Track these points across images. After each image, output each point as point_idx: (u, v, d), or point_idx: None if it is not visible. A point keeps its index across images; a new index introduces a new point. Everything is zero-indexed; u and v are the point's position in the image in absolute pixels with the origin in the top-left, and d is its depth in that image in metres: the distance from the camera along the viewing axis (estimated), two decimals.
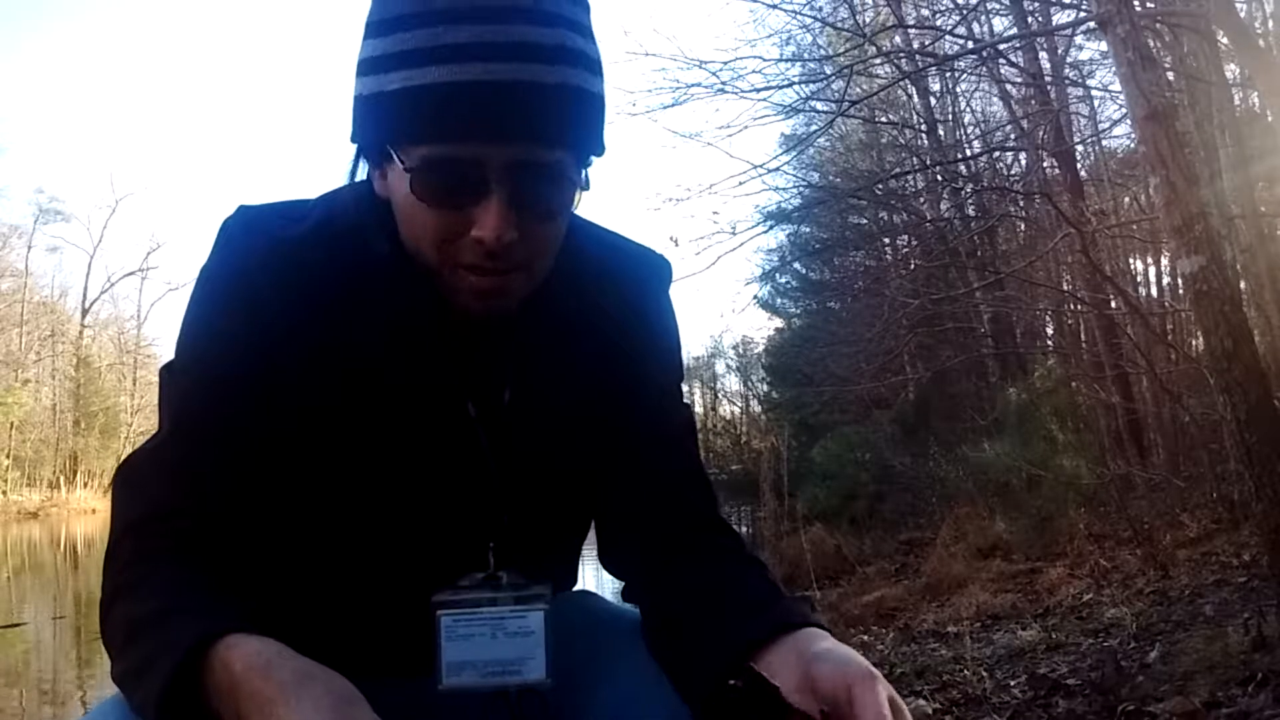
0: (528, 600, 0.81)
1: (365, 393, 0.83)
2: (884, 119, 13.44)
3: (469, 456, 0.86)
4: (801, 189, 13.19)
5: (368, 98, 0.75)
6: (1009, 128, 11.29)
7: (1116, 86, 7.37)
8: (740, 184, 8.52)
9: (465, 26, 0.70)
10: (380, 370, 0.83)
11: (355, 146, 0.82)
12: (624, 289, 0.92)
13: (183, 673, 0.65)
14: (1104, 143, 10.41)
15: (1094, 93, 10.40)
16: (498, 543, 0.87)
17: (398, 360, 0.83)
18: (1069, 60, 10.26)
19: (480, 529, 0.87)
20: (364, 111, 0.76)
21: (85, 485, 33.88)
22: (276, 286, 0.80)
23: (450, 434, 0.85)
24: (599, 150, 0.79)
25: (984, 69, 10.35)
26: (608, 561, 0.97)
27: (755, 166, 8.69)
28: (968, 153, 12.29)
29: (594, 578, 2.07)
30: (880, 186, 13.05)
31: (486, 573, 0.85)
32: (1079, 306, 10.42)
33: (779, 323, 22.47)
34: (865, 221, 16.10)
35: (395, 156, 0.75)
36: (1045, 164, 10.31)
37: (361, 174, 0.85)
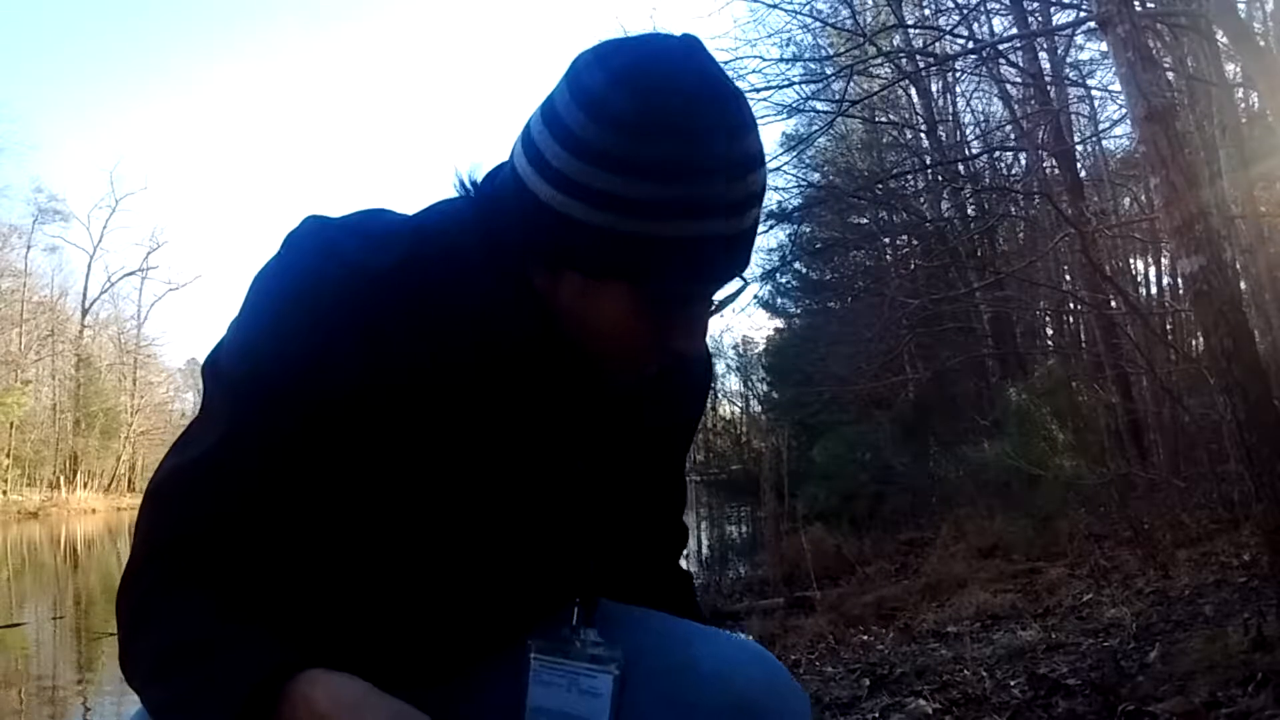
0: (602, 661, 0.83)
1: (468, 440, 0.79)
2: (884, 119, 13.46)
3: (570, 509, 0.86)
4: (802, 189, 13.21)
5: (620, 236, 0.70)
6: (1009, 128, 11.30)
7: (1116, 86, 7.38)
8: None
9: (719, 180, 0.70)
10: (490, 423, 0.79)
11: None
12: None
13: (253, 704, 0.63)
14: (1104, 143, 10.43)
15: (1094, 93, 10.43)
16: (583, 595, 0.88)
17: (513, 418, 0.80)
18: (1069, 60, 10.27)
19: (566, 580, 0.88)
20: (595, 242, 0.71)
21: (85, 485, 33.90)
22: (348, 316, 0.73)
23: (557, 488, 0.84)
24: None
25: (984, 69, 10.36)
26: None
27: None
28: (968, 153, 12.30)
29: None
30: (880, 186, 13.07)
31: (571, 626, 0.87)
32: (1079, 306, 10.43)
33: (779, 323, 22.52)
34: (865, 221, 16.11)
35: (626, 286, 0.73)
36: (1045, 164, 10.31)
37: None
